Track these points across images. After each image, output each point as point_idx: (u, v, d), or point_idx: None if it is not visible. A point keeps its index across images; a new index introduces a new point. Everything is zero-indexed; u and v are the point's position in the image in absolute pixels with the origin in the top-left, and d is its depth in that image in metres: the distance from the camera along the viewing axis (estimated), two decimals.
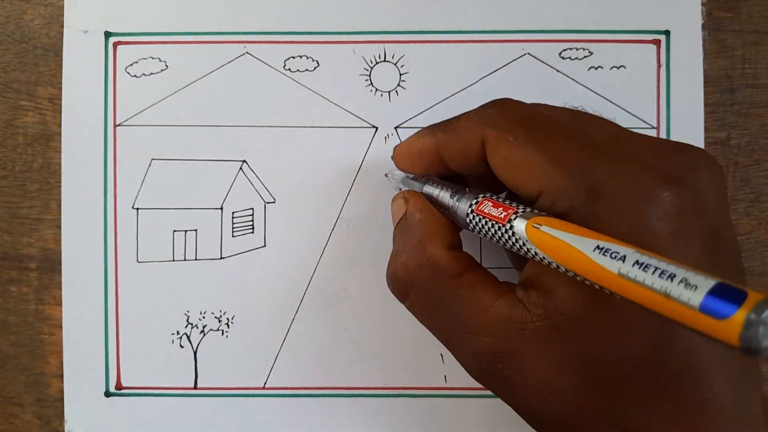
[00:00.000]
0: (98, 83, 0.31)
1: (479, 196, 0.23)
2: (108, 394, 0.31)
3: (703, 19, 0.31)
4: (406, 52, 0.31)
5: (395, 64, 0.31)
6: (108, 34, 0.31)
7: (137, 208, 0.31)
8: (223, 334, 0.31)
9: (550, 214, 0.20)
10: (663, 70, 0.31)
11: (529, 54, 0.31)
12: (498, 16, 0.31)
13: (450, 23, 0.31)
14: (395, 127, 0.31)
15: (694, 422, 0.19)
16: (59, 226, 0.31)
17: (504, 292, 0.21)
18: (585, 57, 0.31)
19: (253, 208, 0.31)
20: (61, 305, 0.31)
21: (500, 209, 0.21)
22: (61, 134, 0.31)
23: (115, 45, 0.31)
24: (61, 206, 0.31)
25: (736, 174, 0.31)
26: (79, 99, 0.31)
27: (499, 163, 0.22)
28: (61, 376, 0.31)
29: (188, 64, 0.31)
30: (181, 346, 0.31)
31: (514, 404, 0.22)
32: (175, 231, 0.31)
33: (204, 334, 0.31)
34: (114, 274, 0.31)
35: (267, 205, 0.31)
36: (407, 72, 0.31)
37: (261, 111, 0.31)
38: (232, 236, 0.31)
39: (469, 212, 0.22)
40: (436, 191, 0.25)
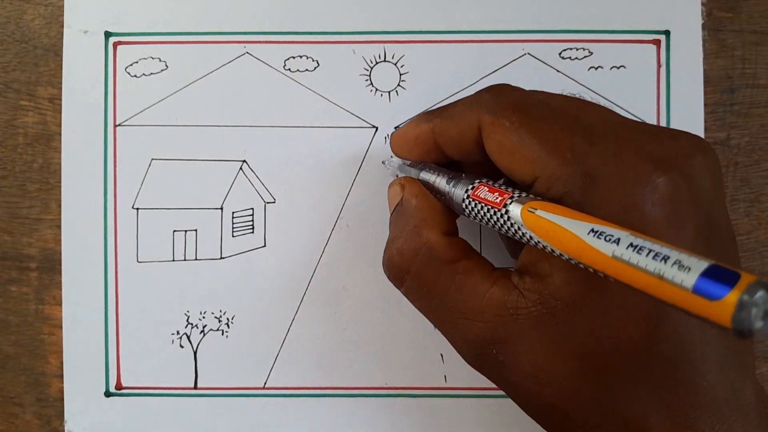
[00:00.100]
0: (98, 83, 0.31)
1: (475, 182, 0.23)
2: (108, 394, 0.31)
3: (703, 19, 0.31)
4: (406, 52, 0.31)
5: (395, 64, 0.31)
6: (108, 34, 0.31)
7: (137, 208, 0.31)
8: (223, 334, 0.31)
9: (545, 199, 0.20)
10: (663, 70, 0.31)
11: (529, 54, 0.31)
12: (498, 16, 0.31)
13: (450, 23, 0.31)
14: (395, 127, 0.31)
15: (687, 408, 0.19)
16: (59, 226, 0.31)
17: (499, 277, 0.22)
18: (585, 57, 0.31)
19: (253, 208, 0.31)
20: (61, 305, 0.31)
21: (496, 194, 0.21)
22: (61, 134, 0.31)
23: (115, 45, 0.31)
24: (61, 206, 0.31)
25: (736, 174, 0.31)
26: (79, 99, 0.31)
27: (495, 149, 0.22)
28: (61, 376, 0.31)
29: (188, 64, 0.31)
30: (181, 346, 0.31)
31: (508, 389, 0.22)
32: (175, 231, 0.31)
33: (204, 334, 0.31)
34: (114, 274, 0.31)
35: (267, 205, 0.31)
36: (407, 72, 0.31)
37: (261, 111, 0.31)
38: (232, 236, 0.31)
39: (465, 197, 0.23)
40: (433, 177, 0.25)
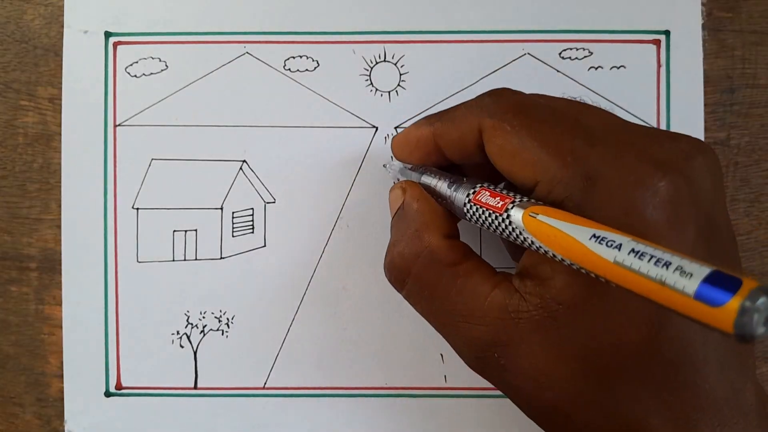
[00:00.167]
0: (98, 83, 0.31)
1: (476, 186, 0.23)
2: (108, 394, 0.31)
3: (703, 19, 0.31)
4: (406, 52, 0.31)
5: (395, 64, 0.31)
6: (108, 34, 0.31)
7: (137, 208, 0.31)
8: (223, 334, 0.31)
9: (546, 203, 0.20)
10: (663, 70, 0.31)
11: (529, 54, 0.31)
12: (498, 16, 0.31)
13: (450, 23, 0.31)
14: (395, 127, 0.31)
15: (689, 410, 0.19)
16: (59, 226, 0.31)
17: (500, 281, 0.22)
18: (585, 57, 0.31)
19: (253, 208, 0.31)
20: (61, 305, 0.31)
21: (497, 199, 0.21)
22: (61, 134, 0.31)
23: (115, 45, 0.31)
24: (61, 206, 0.31)
25: (736, 174, 0.31)
26: (79, 99, 0.31)
27: (496, 152, 0.22)
28: (61, 376, 0.31)
29: (188, 64, 0.31)
30: (181, 346, 0.31)
31: (509, 392, 0.22)
32: (175, 231, 0.31)
33: (204, 334, 0.31)
34: (114, 274, 0.31)
35: (267, 205, 0.31)
36: (407, 72, 0.31)
37: (261, 111, 0.31)
38: (232, 236, 0.31)
39: (466, 202, 0.23)
40: (434, 181, 0.25)
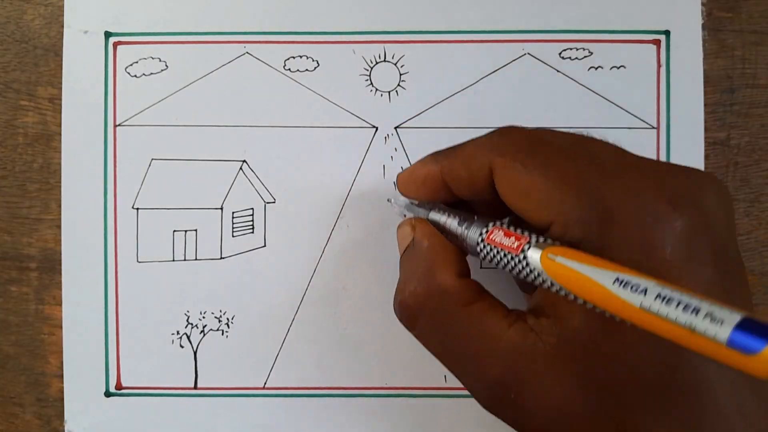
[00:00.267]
0: (98, 83, 0.31)
1: (489, 225, 0.22)
2: (108, 394, 0.31)
3: (703, 19, 0.31)
4: (406, 52, 0.31)
5: (395, 64, 0.31)
6: (108, 34, 0.31)
7: (137, 208, 0.31)
8: (223, 334, 0.31)
9: (563, 243, 0.20)
10: (663, 70, 0.31)
11: (529, 54, 0.31)
12: (498, 16, 0.31)
13: (450, 23, 0.31)
14: (395, 127, 0.31)
15: None
16: (59, 226, 0.31)
17: (515, 320, 0.21)
18: (585, 57, 0.31)
19: (253, 208, 0.31)
20: (61, 305, 0.31)
21: (512, 238, 0.21)
22: (61, 134, 0.31)
23: (115, 45, 0.31)
24: (61, 206, 0.31)
25: (736, 174, 0.31)
26: (79, 99, 0.31)
27: (508, 191, 0.22)
28: (61, 376, 0.31)
29: (188, 64, 0.31)
30: (181, 346, 0.31)
31: (525, 431, 0.22)
32: (175, 231, 0.31)
33: (204, 334, 0.31)
34: (114, 274, 0.31)
35: (267, 205, 0.31)
36: (407, 72, 0.31)
37: (261, 111, 0.31)
38: (232, 236, 0.31)
39: (479, 241, 0.22)
40: (443, 218, 0.24)
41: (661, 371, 0.19)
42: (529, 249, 0.20)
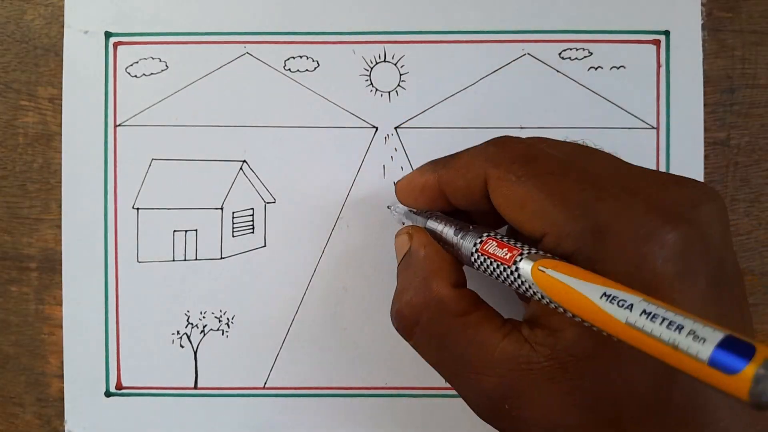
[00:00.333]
0: (98, 83, 0.31)
1: (483, 235, 0.22)
2: (108, 394, 0.31)
3: (703, 19, 0.31)
4: (406, 52, 0.31)
5: (395, 64, 0.31)
6: (108, 34, 0.31)
7: (137, 208, 0.31)
8: (223, 334, 0.31)
9: (555, 256, 0.20)
10: (663, 70, 0.31)
11: (529, 54, 0.31)
12: (498, 16, 0.31)
13: (450, 23, 0.31)
14: (395, 127, 0.31)
15: None
16: (59, 226, 0.31)
17: (510, 330, 0.21)
18: (585, 57, 0.31)
19: (253, 208, 0.31)
20: (61, 305, 0.31)
21: (505, 250, 0.21)
22: (61, 134, 0.31)
23: (116, 45, 0.31)
24: (61, 206, 0.31)
25: (736, 174, 0.31)
26: (80, 99, 0.31)
27: (502, 203, 0.22)
28: (62, 376, 0.31)
29: (188, 64, 0.31)
30: (182, 346, 0.31)
31: None
32: (175, 231, 0.31)
33: (204, 334, 0.31)
34: (114, 274, 0.31)
35: (267, 205, 0.31)
36: (407, 72, 0.31)
37: (261, 111, 0.31)
38: (232, 236, 0.31)
39: (473, 251, 0.22)
40: (440, 227, 0.24)
41: (656, 385, 0.19)
42: (521, 261, 0.20)
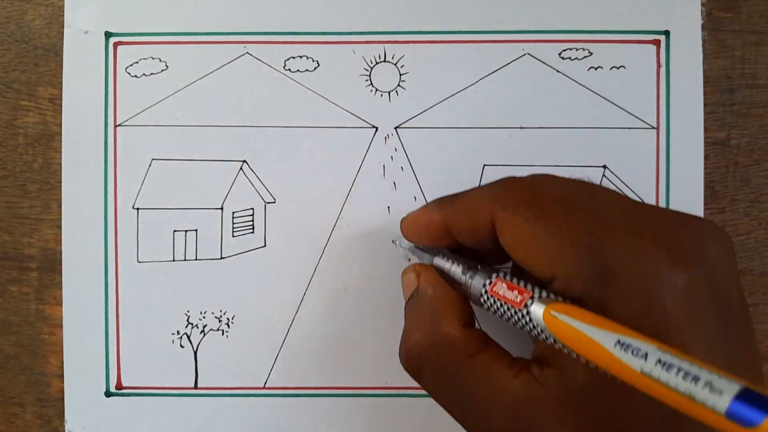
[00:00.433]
0: (98, 83, 0.31)
1: (492, 276, 0.22)
2: (108, 394, 0.31)
3: (702, 19, 0.31)
4: (406, 52, 0.31)
5: (395, 64, 0.31)
6: (108, 34, 0.31)
7: (137, 208, 0.31)
8: (223, 334, 0.31)
9: (566, 299, 0.20)
10: (663, 70, 0.31)
11: (529, 54, 0.31)
12: (498, 16, 0.31)
13: (450, 23, 0.31)
14: (395, 127, 0.31)
15: None
16: (59, 226, 0.31)
17: (519, 370, 0.21)
18: (585, 57, 0.31)
19: (253, 208, 0.31)
20: (61, 305, 0.31)
21: (515, 292, 0.21)
22: (61, 134, 0.31)
23: (116, 45, 0.31)
24: (61, 206, 0.31)
25: (736, 174, 0.31)
26: (80, 99, 0.31)
27: (511, 244, 0.22)
28: (62, 376, 0.31)
29: (188, 64, 0.31)
30: (182, 346, 0.31)
31: None
32: (175, 231, 0.31)
33: (204, 334, 0.31)
34: (114, 274, 0.31)
35: (267, 205, 0.31)
36: (407, 72, 0.31)
37: (261, 111, 0.31)
38: (232, 236, 0.31)
39: (483, 292, 0.22)
40: (447, 265, 0.24)
41: (665, 422, 0.19)
42: (532, 304, 0.20)
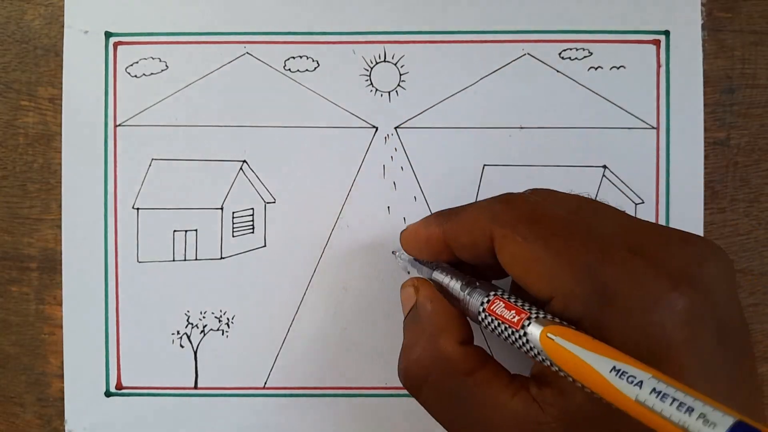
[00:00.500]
0: (98, 83, 0.31)
1: (490, 294, 0.22)
2: (108, 394, 0.31)
3: (702, 19, 0.31)
4: (406, 52, 0.31)
5: (395, 64, 0.31)
6: (108, 34, 0.31)
7: (137, 208, 0.31)
8: (223, 334, 0.31)
9: (563, 320, 0.20)
10: (663, 70, 0.31)
11: (529, 54, 0.31)
12: (498, 16, 0.31)
13: (450, 23, 0.31)
14: (395, 127, 0.31)
15: None
16: (60, 226, 0.31)
17: (518, 389, 0.21)
18: (585, 57, 0.31)
19: (253, 208, 0.31)
20: (61, 305, 0.31)
21: (513, 312, 0.21)
22: (61, 134, 0.31)
23: (116, 45, 0.31)
24: (61, 206, 0.31)
25: (735, 174, 0.31)
26: (80, 99, 0.31)
27: (509, 261, 0.22)
28: (62, 376, 0.31)
29: (188, 64, 0.31)
30: (182, 346, 0.31)
31: None
32: (175, 231, 0.31)
33: (204, 334, 0.31)
34: (114, 274, 0.31)
35: (267, 205, 0.31)
36: (407, 72, 0.31)
37: (261, 111, 0.31)
38: (232, 236, 0.31)
39: (481, 310, 0.22)
40: (446, 280, 0.24)
41: None
42: (529, 325, 0.20)
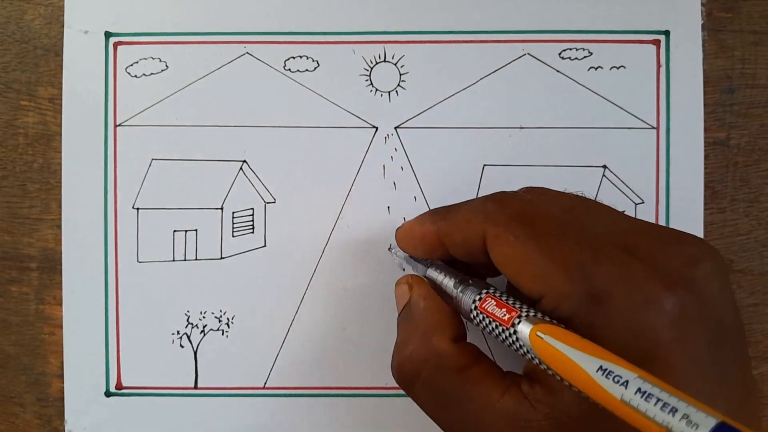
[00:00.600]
0: (98, 83, 0.31)
1: (483, 292, 0.23)
2: (108, 394, 0.31)
3: (702, 19, 0.31)
4: (406, 52, 0.31)
5: (395, 64, 0.31)
6: (108, 34, 0.31)
7: (137, 208, 0.31)
8: (223, 334, 0.31)
9: (553, 319, 0.20)
10: (663, 70, 0.31)
11: (529, 54, 0.31)
12: (498, 16, 0.31)
13: (450, 23, 0.31)
14: (395, 127, 0.31)
15: None
16: (60, 226, 0.31)
17: (509, 385, 0.21)
18: (585, 57, 0.31)
19: (253, 208, 0.31)
20: (61, 305, 0.31)
21: (504, 310, 0.21)
22: (61, 134, 0.31)
23: (116, 45, 0.31)
24: (61, 206, 0.31)
25: (735, 174, 0.31)
26: (80, 99, 0.31)
27: (501, 260, 0.22)
28: (62, 376, 0.31)
29: (188, 64, 0.31)
30: (182, 346, 0.31)
31: None
32: (175, 231, 0.31)
33: (204, 334, 0.31)
34: (114, 274, 0.31)
35: (267, 205, 0.31)
36: (407, 72, 0.31)
37: (261, 111, 0.31)
38: (232, 236, 0.31)
39: (472, 308, 0.23)
40: (440, 277, 0.25)
41: None
42: (519, 323, 0.20)
